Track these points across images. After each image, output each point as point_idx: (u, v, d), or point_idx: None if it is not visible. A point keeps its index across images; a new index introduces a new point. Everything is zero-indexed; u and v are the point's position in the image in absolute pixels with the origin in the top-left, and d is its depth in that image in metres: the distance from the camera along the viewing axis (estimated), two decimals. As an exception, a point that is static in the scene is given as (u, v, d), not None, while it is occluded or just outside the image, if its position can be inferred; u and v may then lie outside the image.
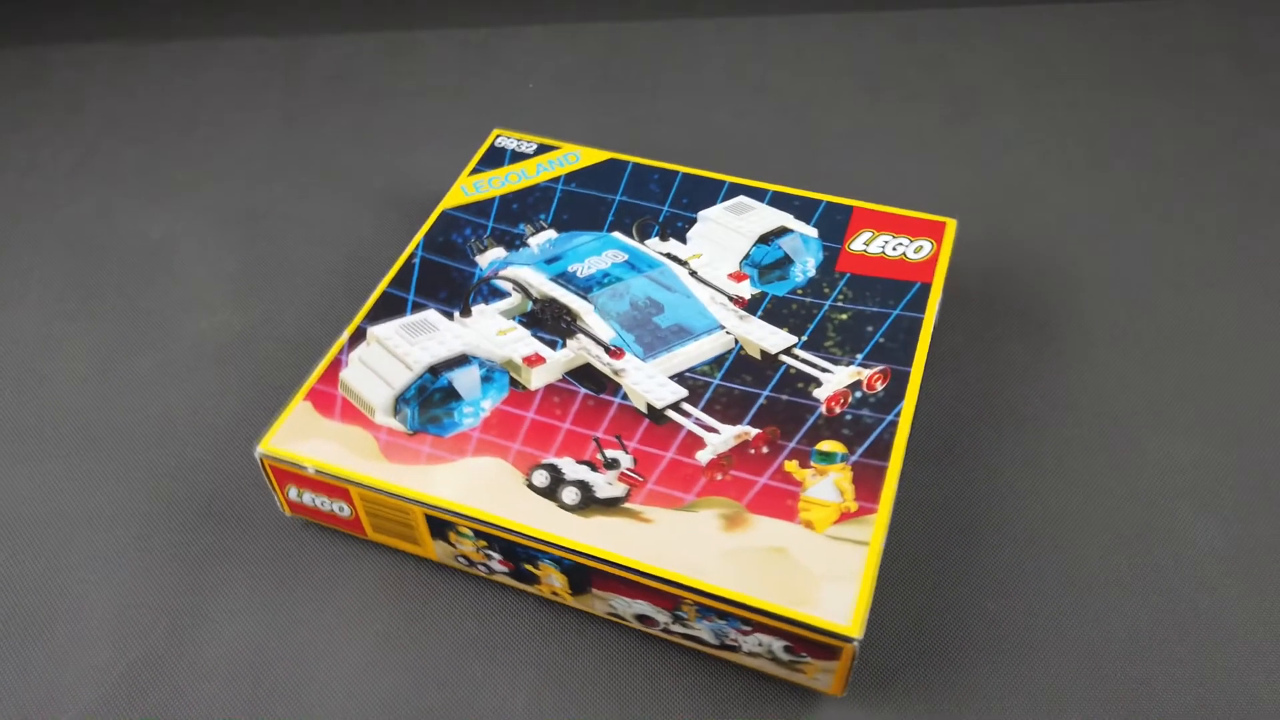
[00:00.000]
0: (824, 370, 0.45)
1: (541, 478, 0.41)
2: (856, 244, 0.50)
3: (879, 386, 0.44)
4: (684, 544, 0.39)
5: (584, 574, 0.40)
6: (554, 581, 0.41)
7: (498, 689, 0.41)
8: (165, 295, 0.57)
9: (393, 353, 0.46)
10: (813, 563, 0.38)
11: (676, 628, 0.40)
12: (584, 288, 0.48)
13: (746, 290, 0.48)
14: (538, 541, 0.39)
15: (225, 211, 0.62)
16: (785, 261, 0.49)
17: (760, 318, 0.47)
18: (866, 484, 0.40)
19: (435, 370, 0.45)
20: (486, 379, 0.45)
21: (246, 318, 0.56)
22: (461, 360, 0.45)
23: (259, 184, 0.64)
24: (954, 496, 0.46)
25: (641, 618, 0.41)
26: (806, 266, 0.49)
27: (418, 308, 0.48)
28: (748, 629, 0.38)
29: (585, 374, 0.45)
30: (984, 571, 0.44)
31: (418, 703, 0.40)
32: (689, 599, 0.38)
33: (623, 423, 0.43)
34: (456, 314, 0.47)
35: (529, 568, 0.41)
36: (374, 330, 0.47)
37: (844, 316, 0.47)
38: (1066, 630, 0.42)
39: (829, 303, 0.47)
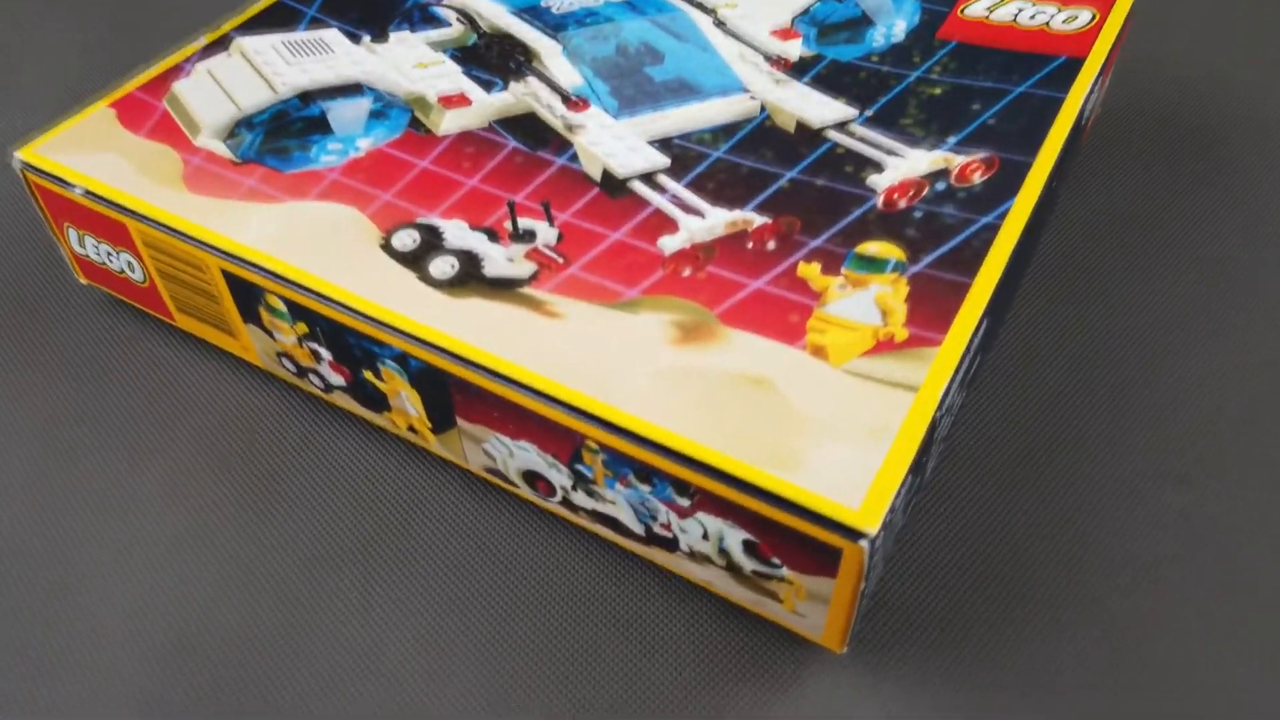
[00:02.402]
0: (891, 153, 0.28)
1: (407, 239, 0.26)
2: (975, 8, 0.33)
3: (976, 178, 0.27)
4: (602, 355, 0.23)
5: (442, 388, 0.24)
6: (406, 404, 0.26)
7: (332, 602, 0.26)
8: None
9: (258, 69, 0.31)
10: (813, 405, 0.22)
11: (583, 499, 0.24)
12: (555, 25, 0.33)
13: (794, 50, 0.32)
14: (372, 323, 0.24)
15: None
16: (861, 22, 0.33)
17: (808, 84, 0.31)
18: (930, 306, 0.24)
19: (309, 97, 0.30)
20: (378, 115, 0.30)
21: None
22: (351, 90, 0.31)
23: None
24: (1071, 360, 0.29)
25: (531, 477, 0.25)
26: (893, 30, 0.32)
27: (316, 25, 0.33)
28: (686, 503, 0.22)
29: (523, 126, 0.30)
30: (1097, 490, 0.26)
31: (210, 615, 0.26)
32: (592, 436, 0.22)
33: (560, 189, 0.27)
34: (368, 38, 0.33)
35: (370, 378, 0.26)
36: (242, 40, 0.32)
37: (936, 90, 0.30)
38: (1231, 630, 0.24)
39: (918, 73, 0.31)
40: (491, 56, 0.32)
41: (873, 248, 0.25)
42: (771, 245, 0.26)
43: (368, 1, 0.34)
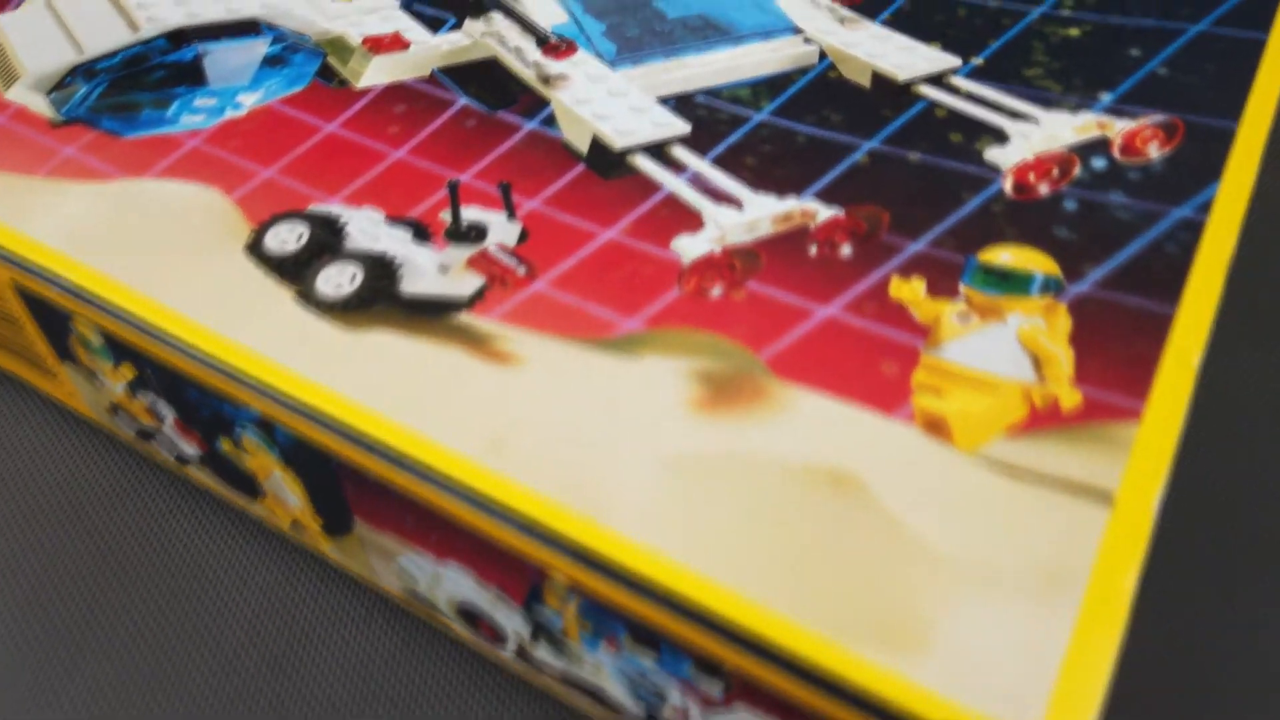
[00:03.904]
0: (1017, 116, 0.19)
1: (288, 236, 0.17)
2: (1109, -74, 0.24)
3: (1152, 151, 0.18)
4: (579, 428, 0.14)
5: (328, 476, 0.15)
6: (284, 492, 0.17)
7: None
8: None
9: (118, 1, 0.23)
10: (932, 525, 0.13)
11: (548, 656, 0.15)
12: (534, -54, 0.24)
13: (863, -20, 0.23)
14: (216, 370, 0.15)
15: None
16: (953, -56, 0.24)
17: (885, 23, 0.22)
18: (1111, 350, 0.15)
19: (180, 38, 0.21)
20: (276, 62, 0.21)
21: None
22: (245, 29, 0.22)
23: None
24: None
25: (469, 615, 0.16)
26: (997, -47, 0.23)
27: (207, -52, 0.24)
28: (716, 692, 0.13)
29: (479, 76, 0.21)
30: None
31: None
32: (560, 569, 0.13)
33: (527, 166, 0.19)
34: (274, -37, 0.24)
35: (229, 450, 0.17)
36: (98, -37, 0.24)
37: (1071, 31, 0.21)
38: None
39: (1042, 8, 0.22)
40: (443, -15, 0.23)
41: (1005, 255, 0.16)
42: (846, 250, 0.17)
43: (281, -84, 0.25)
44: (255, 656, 0.18)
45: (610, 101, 0.20)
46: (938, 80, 0.21)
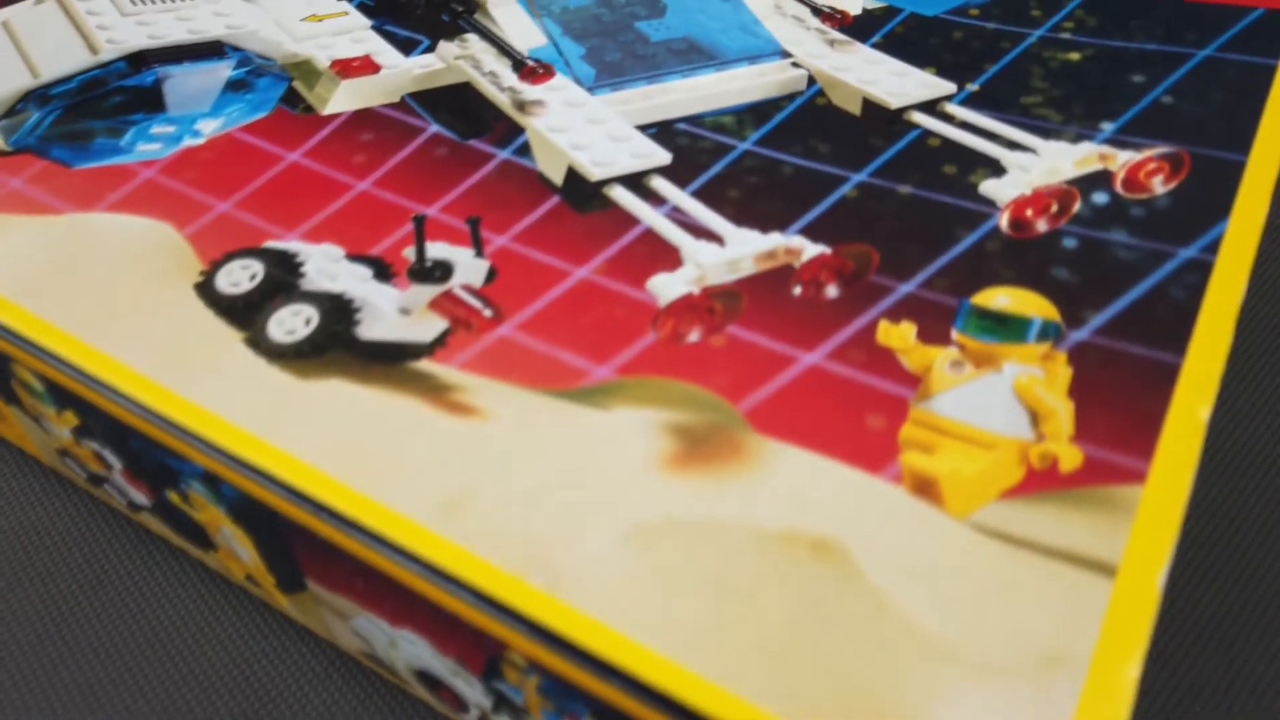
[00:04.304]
0: (1015, 147, 0.18)
1: (241, 275, 0.16)
2: (1110, -55, 0.23)
3: (1156, 184, 0.17)
4: (544, 489, 0.13)
5: (277, 534, 0.15)
6: (235, 547, 0.16)
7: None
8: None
9: (78, 22, 0.22)
10: (922, 600, 0.12)
11: (511, 726, 0.14)
12: (513, -35, 0.23)
13: (856, 1, 0.22)
14: (158, 422, 0.14)
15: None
16: (948, -36, 0.23)
17: (876, 46, 0.21)
18: (1114, 405, 0.14)
19: (140, 61, 0.21)
20: (239, 87, 0.20)
21: None
22: (209, 50, 0.21)
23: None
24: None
25: (429, 680, 0.15)
26: (994, -27, 0.22)
27: (174, -35, 0.24)
28: (684, 780, 0.12)
29: (451, 102, 0.20)
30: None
31: None
32: (517, 647, 0.12)
33: (499, 199, 0.18)
34: (243, -18, 0.23)
35: (177, 501, 0.16)
36: (59, -17, 0.23)
37: (1071, 55, 0.20)
38: None
39: (1041, 30, 0.21)
40: (417, 5, 0.22)
41: (1001, 298, 0.15)
42: (832, 291, 0.16)
43: (252, -67, 0.24)
44: (210, 715, 0.17)
45: (588, 129, 0.19)
46: (931, 107, 0.20)
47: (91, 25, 0.22)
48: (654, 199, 0.18)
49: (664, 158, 0.18)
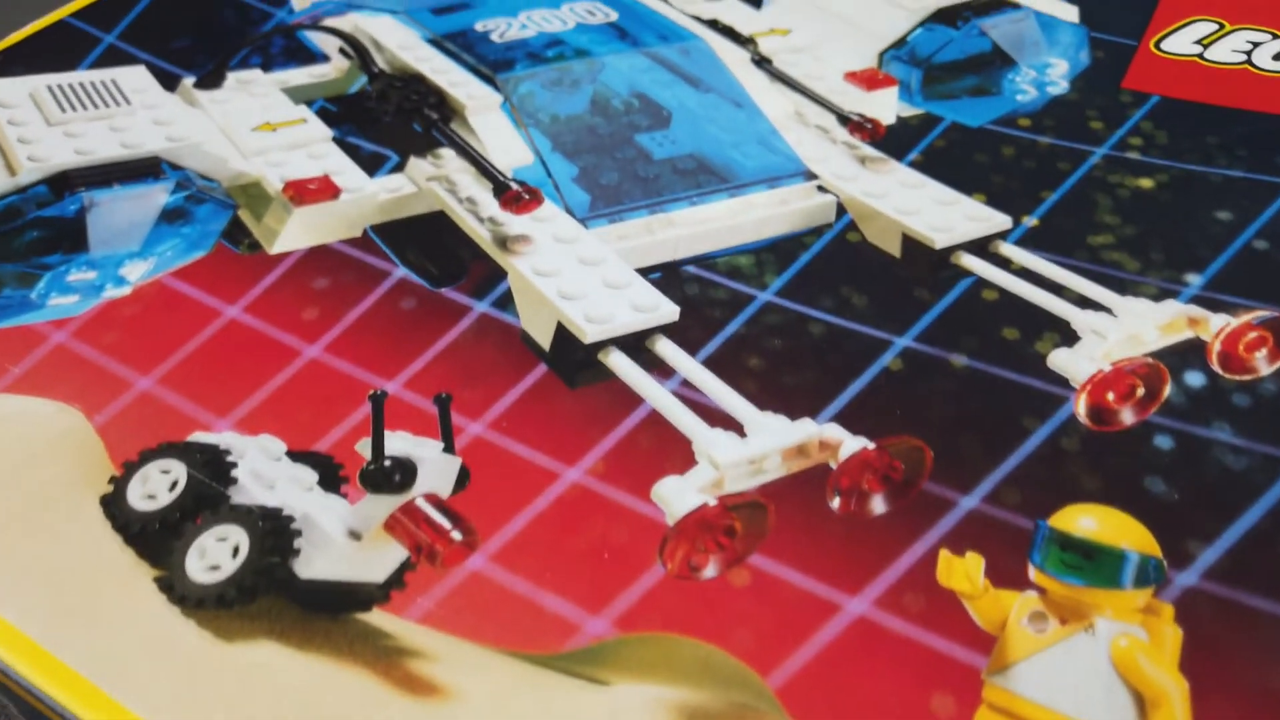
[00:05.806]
0: (1087, 304, 0.15)
1: (158, 483, 0.13)
2: (1176, 41, 0.20)
3: (1259, 362, 0.14)
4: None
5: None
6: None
7: None
8: None
9: (-6, 134, 0.19)
10: None
11: None
12: (496, 62, 0.20)
13: (888, 107, 0.19)
14: (39, 700, 0.11)
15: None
16: (992, 61, 0.20)
17: (914, 165, 0.18)
18: (1233, 682, 0.11)
19: (67, 183, 0.18)
20: (175, 217, 0.17)
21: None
22: (144, 169, 0.18)
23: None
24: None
25: None
26: (1047, 74, 0.20)
27: (115, 60, 0.21)
28: None
29: (424, 239, 0.17)
30: None
31: None
32: None
33: (474, 363, 0.15)
34: (189, 81, 0.20)
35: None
36: (-22, 85, 0.20)
37: (1144, 182, 0.17)
38: None
39: (1104, 149, 0.18)
40: (386, 111, 0.19)
41: (1086, 520, 0.13)
42: (879, 505, 0.13)
43: (201, 21, 0.22)
44: None
45: (580, 273, 0.16)
46: (983, 247, 0.17)
47: (12, 138, 0.19)
48: (658, 368, 0.15)
49: (671, 312, 0.16)
